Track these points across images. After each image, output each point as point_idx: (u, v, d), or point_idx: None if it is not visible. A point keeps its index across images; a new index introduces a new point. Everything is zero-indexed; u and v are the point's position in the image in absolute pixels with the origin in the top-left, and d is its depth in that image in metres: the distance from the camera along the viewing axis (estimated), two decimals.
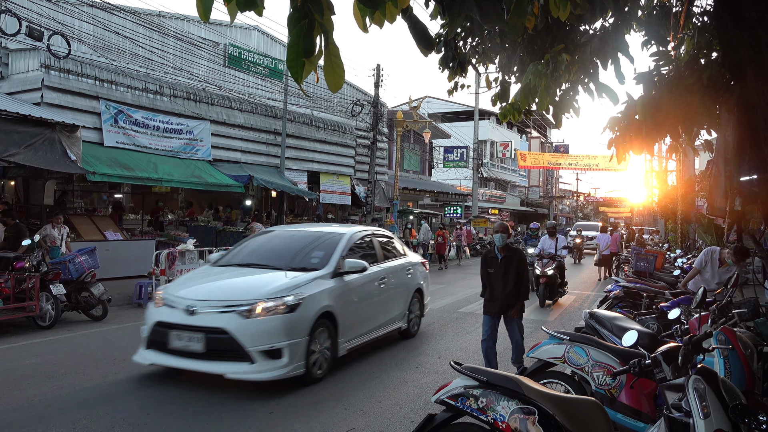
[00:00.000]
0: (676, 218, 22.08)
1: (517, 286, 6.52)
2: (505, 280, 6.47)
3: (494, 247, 6.67)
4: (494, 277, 6.54)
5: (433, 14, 4.25)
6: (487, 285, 6.66)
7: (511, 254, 6.59)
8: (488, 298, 6.64)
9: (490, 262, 6.63)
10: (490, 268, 6.60)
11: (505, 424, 3.20)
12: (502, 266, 6.51)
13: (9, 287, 8.92)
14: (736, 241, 12.13)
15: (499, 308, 6.56)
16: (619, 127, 5.27)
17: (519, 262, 6.58)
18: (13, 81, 14.60)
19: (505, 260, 6.54)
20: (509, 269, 6.50)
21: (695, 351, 3.17)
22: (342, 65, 1.90)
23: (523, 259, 6.67)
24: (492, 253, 6.68)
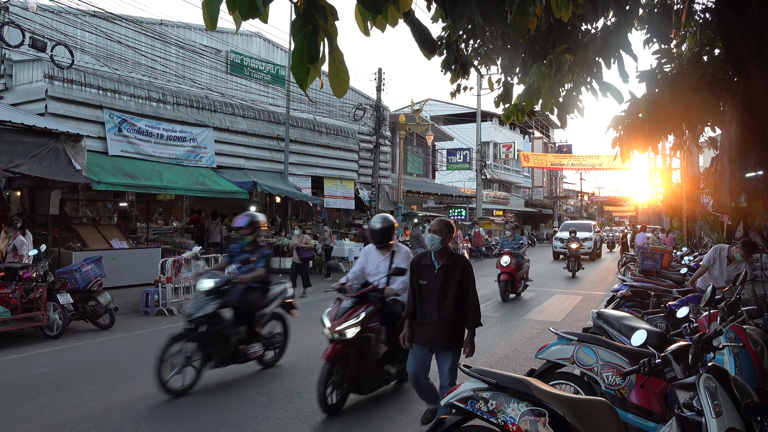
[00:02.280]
0: (681, 216, 22.01)
1: (458, 309, 4.68)
2: (442, 297, 4.66)
3: (431, 252, 4.82)
4: (427, 291, 4.75)
5: (435, 17, 4.25)
6: (417, 301, 4.83)
7: (453, 263, 4.72)
8: (418, 320, 4.82)
9: (423, 271, 4.80)
10: (422, 279, 4.80)
11: (516, 426, 3.18)
12: (439, 279, 4.69)
13: (16, 297, 8.96)
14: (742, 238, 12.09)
15: (432, 335, 4.69)
16: (623, 126, 5.26)
17: (463, 275, 4.71)
18: (17, 92, 14.68)
19: (443, 271, 4.70)
20: (449, 283, 4.68)
21: (705, 349, 3.15)
22: (347, 71, 1.90)
23: (468, 270, 4.74)
24: (427, 259, 4.81)
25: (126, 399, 5.99)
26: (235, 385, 6.45)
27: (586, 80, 4.40)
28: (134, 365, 7.38)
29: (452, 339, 4.71)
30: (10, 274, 9.27)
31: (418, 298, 4.83)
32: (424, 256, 4.85)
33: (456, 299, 4.65)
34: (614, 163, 31.36)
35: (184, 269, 11.98)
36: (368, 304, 5.66)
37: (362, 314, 5.53)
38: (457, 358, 4.75)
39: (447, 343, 4.70)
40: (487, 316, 11.32)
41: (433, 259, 4.77)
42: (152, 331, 9.80)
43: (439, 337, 4.67)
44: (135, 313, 11.49)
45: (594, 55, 4.32)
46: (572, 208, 69.63)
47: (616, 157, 5.65)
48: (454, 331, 4.71)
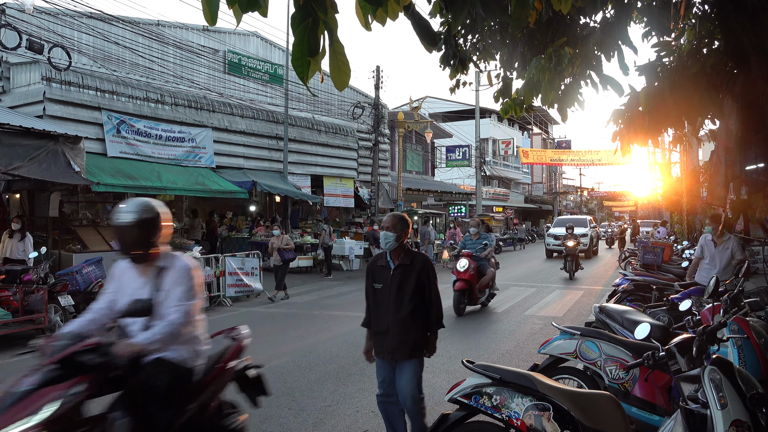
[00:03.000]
0: (681, 210, 22.01)
1: (417, 312, 4.16)
2: (398, 300, 4.14)
3: (387, 252, 4.30)
4: (382, 296, 4.21)
5: (433, 12, 4.24)
6: (372, 308, 4.33)
7: (410, 262, 4.21)
8: (375, 329, 4.29)
9: (378, 274, 4.29)
10: (377, 282, 4.27)
11: (520, 421, 3.18)
12: (395, 280, 4.17)
13: (17, 300, 8.94)
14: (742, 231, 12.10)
15: (392, 345, 4.14)
16: (623, 120, 5.26)
17: (422, 273, 4.18)
18: (15, 95, 14.66)
19: (399, 271, 4.19)
20: (405, 284, 4.15)
21: (710, 341, 3.14)
22: (348, 63, 1.89)
23: (428, 269, 4.24)
24: (382, 260, 4.32)
25: None
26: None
27: (586, 73, 4.39)
28: None
29: (414, 346, 4.16)
30: (10, 277, 9.27)
31: (373, 305, 4.30)
32: (380, 257, 4.33)
33: (415, 301, 4.13)
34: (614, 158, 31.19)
35: None
36: (79, 379, 2.87)
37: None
38: (420, 366, 4.20)
39: (409, 351, 4.13)
40: (489, 312, 11.31)
41: (388, 259, 4.26)
42: None
43: (399, 346, 4.11)
44: None
45: (594, 47, 4.30)
46: (572, 204, 69.69)
47: (617, 151, 5.65)
48: (416, 336, 4.16)
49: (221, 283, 12.71)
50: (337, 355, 7.69)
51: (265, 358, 7.58)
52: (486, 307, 11.75)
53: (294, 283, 16.16)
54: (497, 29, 4.92)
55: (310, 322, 10.27)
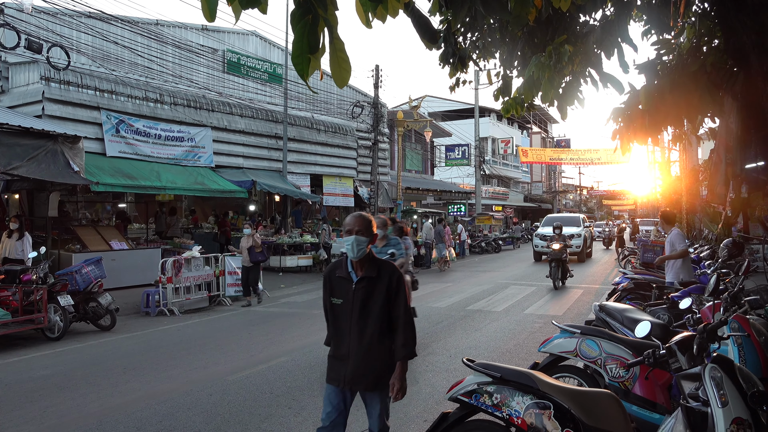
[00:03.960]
0: (681, 209, 22.01)
1: (385, 335, 3.49)
2: (363, 321, 3.46)
3: (347, 259, 3.57)
4: (342, 313, 3.53)
5: (433, 9, 4.23)
6: (331, 326, 3.66)
7: (377, 274, 3.49)
8: (332, 351, 3.63)
9: (338, 286, 3.57)
10: (336, 297, 3.56)
11: (521, 420, 3.18)
12: (358, 295, 3.47)
13: (17, 300, 8.94)
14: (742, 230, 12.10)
15: (352, 373, 3.47)
16: (623, 118, 5.25)
17: (392, 288, 3.48)
18: (13, 94, 14.64)
19: (363, 285, 3.48)
20: (371, 301, 3.47)
21: (710, 339, 3.14)
22: (348, 60, 1.88)
23: (398, 282, 3.50)
24: (342, 270, 3.56)
25: (128, 399, 5.98)
26: (238, 384, 6.44)
27: (586, 71, 4.38)
28: (136, 366, 7.37)
29: (380, 376, 3.47)
30: (10, 277, 9.26)
31: (332, 324, 3.61)
32: (339, 266, 3.57)
33: (382, 321, 3.44)
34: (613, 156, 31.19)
35: (185, 269, 11.96)
36: None
37: None
38: (388, 396, 3.53)
39: (373, 381, 3.47)
40: (489, 311, 11.31)
41: (349, 269, 3.50)
42: (154, 331, 9.79)
43: (361, 375, 3.44)
44: (136, 313, 11.47)
45: (594, 45, 4.30)
46: (571, 203, 69.71)
47: (616, 149, 5.64)
48: (382, 364, 3.47)
49: (221, 283, 12.71)
50: None
51: (265, 358, 7.59)
52: (480, 311, 11.74)
53: (294, 282, 16.16)
54: (497, 27, 4.92)
55: (310, 321, 10.26)
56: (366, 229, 3.45)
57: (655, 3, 4.84)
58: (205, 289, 12.43)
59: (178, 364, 7.39)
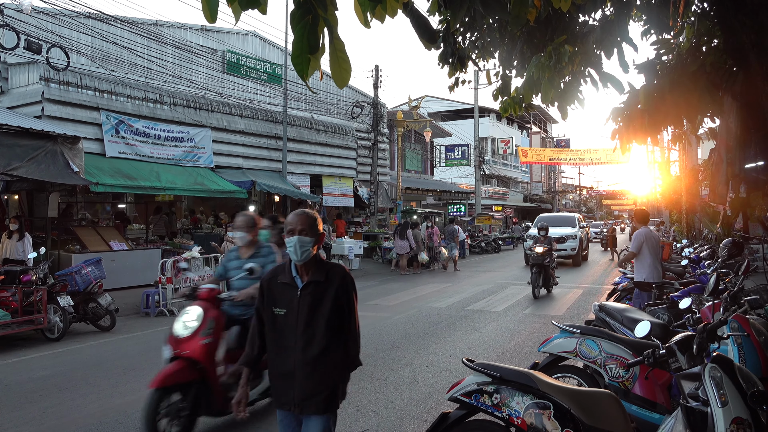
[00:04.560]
0: (680, 209, 22.03)
1: (334, 348, 3.06)
2: (309, 333, 3.02)
3: (290, 263, 3.13)
4: (287, 325, 3.06)
5: (431, 9, 4.23)
6: (272, 342, 3.14)
7: (324, 278, 3.07)
8: (274, 370, 3.15)
9: (280, 294, 3.11)
10: (278, 306, 3.10)
11: (521, 420, 3.18)
12: (304, 304, 3.03)
13: (16, 300, 8.93)
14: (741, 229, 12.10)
15: (301, 394, 3.03)
16: (623, 118, 5.25)
17: (341, 295, 3.06)
18: (13, 95, 14.64)
19: (309, 292, 3.05)
20: (318, 311, 3.04)
21: (710, 339, 3.14)
22: (348, 60, 1.88)
23: (348, 287, 3.10)
24: (284, 275, 3.13)
25: (128, 400, 5.98)
26: None
27: (586, 71, 4.38)
28: (136, 366, 7.37)
29: (330, 396, 3.05)
30: (10, 277, 9.25)
31: (272, 338, 3.10)
32: (281, 270, 3.14)
33: (331, 332, 3.01)
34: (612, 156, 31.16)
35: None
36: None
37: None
38: (334, 422, 3.15)
39: (324, 403, 3.03)
40: (489, 311, 11.31)
41: (294, 274, 3.07)
42: (154, 331, 9.78)
43: (310, 396, 3.00)
44: (136, 314, 11.46)
45: (593, 45, 4.30)
46: (571, 203, 69.73)
47: (616, 149, 5.64)
48: (333, 382, 3.06)
49: (221, 283, 12.68)
50: None
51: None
52: (480, 311, 11.74)
53: None
54: (496, 27, 4.92)
55: None
56: (310, 228, 3.05)
57: (655, 3, 4.84)
58: None
59: None
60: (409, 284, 16.02)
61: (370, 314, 10.98)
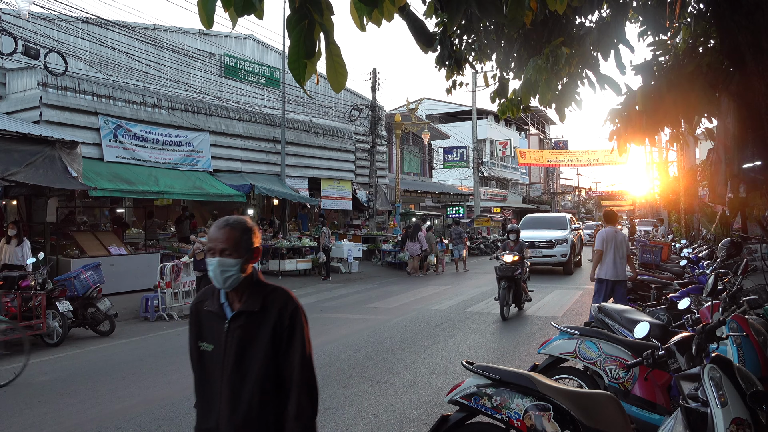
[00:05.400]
0: (679, 209, 22.06)
1: (269, 399, 2.32)
2: (240, 378, 2.32)
3: (219, 290, 2.40)
4: (213, 366, 2.37)
5: (428, 12, 4.24)
6: (197, 384, 2.45)
7: (260, 307, 2.35)
8: (198, 424, 2.44)
9: (206, 325, 2.43)
10: (204, 341, 2.42)
11: (520, 422, 3.18)
12: (233, 340, 2.32)
13: (15, 306, 8.92)
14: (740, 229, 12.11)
15: None
16: (620, 119, 5.26)
17: (281, 328, 2.33)
18: (11, 100, 14.64)
19: (241, 324, 2.34)
20: (251, 350, 2.33)
21: (709, 340, 3.14)
22: (344, 65, 1.89)
23: (293, 317, 2.35)
24: (212, 302, 2.42)
25: (128, 404, 5.97)
26: None
27: (583, 73, 4.39)
28: (135, 371, 7.36)
29: None
30: (8, 283, 9.24)
31: (198, 380, 2.43)
32: (209, 294, 2.43)
33: (265, 379, 2.30)
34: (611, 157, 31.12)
35: (183, 273, 11.95)
36: None
37: None
38: None
39: None
40: (488, 312, 11.31)
41: (222, 301, 2.38)
42: (153, 336, 9.77)
43: None
44: (135, 318, 11.45)
45: (590, 47, 4.31)
46: (570, 204, 69.76)
47: (614, 150, 5.65)
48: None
49: None
50: (336, 358, 7.68)
51: None
52: (479, 313, 11.72)
53: (293, 285, 16.15)
54: (493, 29, 4.93)
55: (310, 324, 10.24)
56: (236, 246, 2.30)
57: (651, 4, 4.85)
58: None
59: (177, 369, 7.37)
60: (408, 287, 16.01)
61: (370, 317, 10.97)
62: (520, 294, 11.08)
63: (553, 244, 18.22)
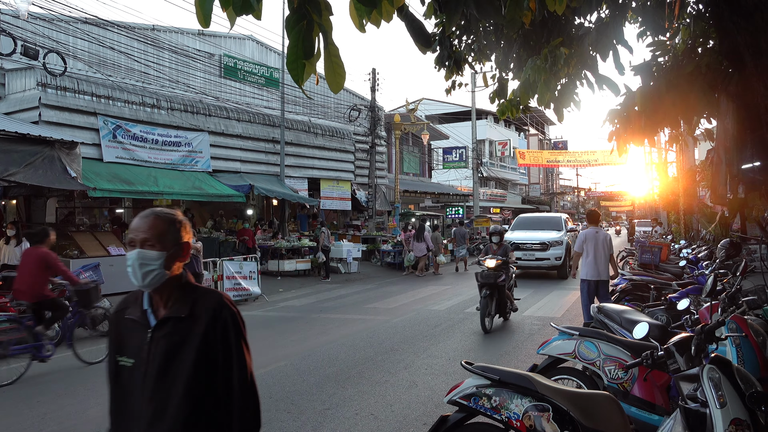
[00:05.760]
0: (678, 210, 22.07)
1: (198, 420, 1.96)
2: (164, 396, 1.95)
3: (142, 295, 2.11)
4: (133, 382, 2.01)
5: (427, 13, 4.24)
6: (114, 405, 2.13)
7: (189, 313, 2.00)
8: None
9: (127, 335, 2.07)
10: (123, 354, 2.05)
11: (520, 422, 3.17)
12: (158, 351, 1.96)
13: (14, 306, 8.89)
14: (739, 230, 12.12)
15: None
16: (619, 120, 5.26)
17: (213, 339, 1.98)
18: (10, 101, 14.63)
19: (166, 333, 1.99)
20: (176, 363, 1.96)
21: (708, 340, 3.14)
22: (342, 65, 1.89)
23: (226, 324, 1.99)
24: (133, 308, 2.10)
25: None
26: None
27: (582, 73, 4.40)
28: None
29: None
30: (7, 283, 9.23)
31: (115, 398, 2.13)
32: (132, 300, 2.15)
33: (195, 397, 1.96)
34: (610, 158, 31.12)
35: None
36: None
37: None
38: None
39: None
40: None
41: (145, 306, 2.08)
42: None
43: None
44: None
45: (589, 48, 4.31)
46: (569, 204, 69.79)
47: (613, 151, 5.65)
48: None
49: (219, 287, 12.69)
50: (335, 358, 7.67)
51: (263, 362, 7.57)
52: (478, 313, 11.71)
53: (292, 286, 16.15)
54: (492, 30, 4.93)
55: (309, 325, 10.25)
56: (160, 238, 2.01)
57: (650, 5, 4.86)
58: None
59: None
60: (407, 287, 16.01)
61: (369, 317, 10.97)
62: (505, 303, 9.82)
63: (546, 247, 17.02)
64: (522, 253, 16.59)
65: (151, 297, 2.08)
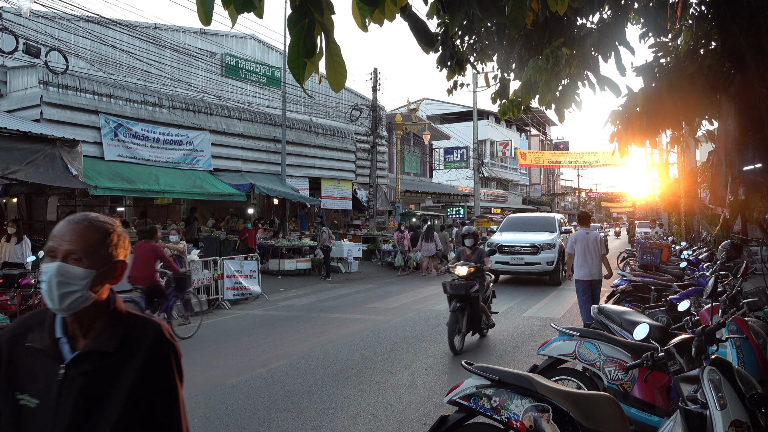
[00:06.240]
0: (679, 211, 22.06)
1: None
2: None
3: (53, 318, 1.61)
4: (33, 427, 1.53)
5: (430, 13, 4.24)
6: None
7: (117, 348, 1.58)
8: None
9: (29, 368, 1.57)
10: (26, 393, 1.54)
11: (520, 423, 3.17)
12: (71, 395, 1.52)
13: (15, 304, 8.91)
14: (740, 232, 12.11)
15: None
16: (621, 121, 5.26)
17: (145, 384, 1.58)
18: (12, 99, 14.65)
19: (85, 372, 1.54)
20: (98, 412, 1.53)
21: (708, 342, 3.14)
22: (344, 64, 1.89)
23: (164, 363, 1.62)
24: (40, 334, 1.59)
25: None
26: (237, 387, 6.43)
27: (583, 74, 4.39)
28: None
29: None
30: (8, 281, 9.24)
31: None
32: (37, 321, 1.65)
33: None
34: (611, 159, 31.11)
35: None
36: None
37: None
38: None
39: None
40: None
41: (58, 334, 1.61)
42: None
43: None
44: None
45: (591, 48, 4.30)
46: (570, 205, 69.76)
47: (614, 152, 5.65)
48: None
49: (220, 286, 12.68)
50: (336, 358, 7.68)
51: (263, 361, 7.58)
52: None
53: (293, 285, 16.15)
54: (494, 30, 4.92)
55: (309, 324, 10.24)
56: (90, 252, 1.60)
57: (653, 6, 4.85)
58: (204, 293, 12.41)
59: None
60: (407, 287, 16.01)
61: (369, 317, 10.97)
62: (479, 317, 8.32)
63: (537, 250, 15.50)
64: (510, 257, 15.65)
65: (65, 322, 1.61)
